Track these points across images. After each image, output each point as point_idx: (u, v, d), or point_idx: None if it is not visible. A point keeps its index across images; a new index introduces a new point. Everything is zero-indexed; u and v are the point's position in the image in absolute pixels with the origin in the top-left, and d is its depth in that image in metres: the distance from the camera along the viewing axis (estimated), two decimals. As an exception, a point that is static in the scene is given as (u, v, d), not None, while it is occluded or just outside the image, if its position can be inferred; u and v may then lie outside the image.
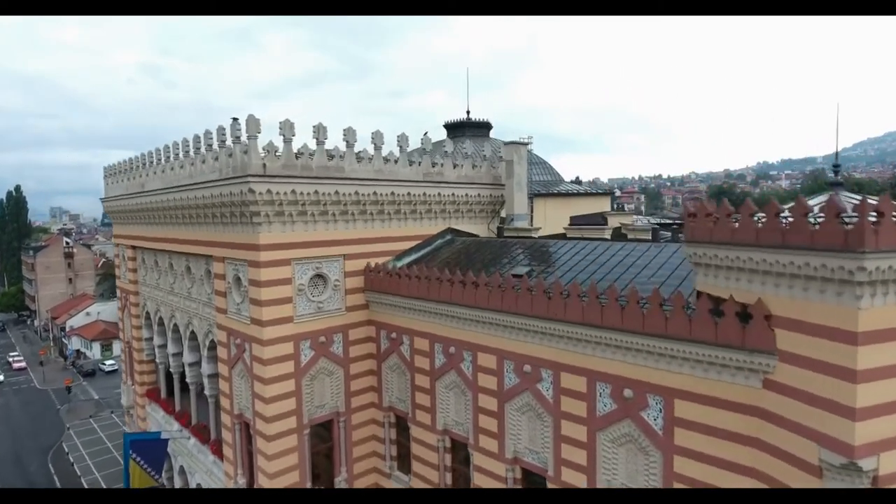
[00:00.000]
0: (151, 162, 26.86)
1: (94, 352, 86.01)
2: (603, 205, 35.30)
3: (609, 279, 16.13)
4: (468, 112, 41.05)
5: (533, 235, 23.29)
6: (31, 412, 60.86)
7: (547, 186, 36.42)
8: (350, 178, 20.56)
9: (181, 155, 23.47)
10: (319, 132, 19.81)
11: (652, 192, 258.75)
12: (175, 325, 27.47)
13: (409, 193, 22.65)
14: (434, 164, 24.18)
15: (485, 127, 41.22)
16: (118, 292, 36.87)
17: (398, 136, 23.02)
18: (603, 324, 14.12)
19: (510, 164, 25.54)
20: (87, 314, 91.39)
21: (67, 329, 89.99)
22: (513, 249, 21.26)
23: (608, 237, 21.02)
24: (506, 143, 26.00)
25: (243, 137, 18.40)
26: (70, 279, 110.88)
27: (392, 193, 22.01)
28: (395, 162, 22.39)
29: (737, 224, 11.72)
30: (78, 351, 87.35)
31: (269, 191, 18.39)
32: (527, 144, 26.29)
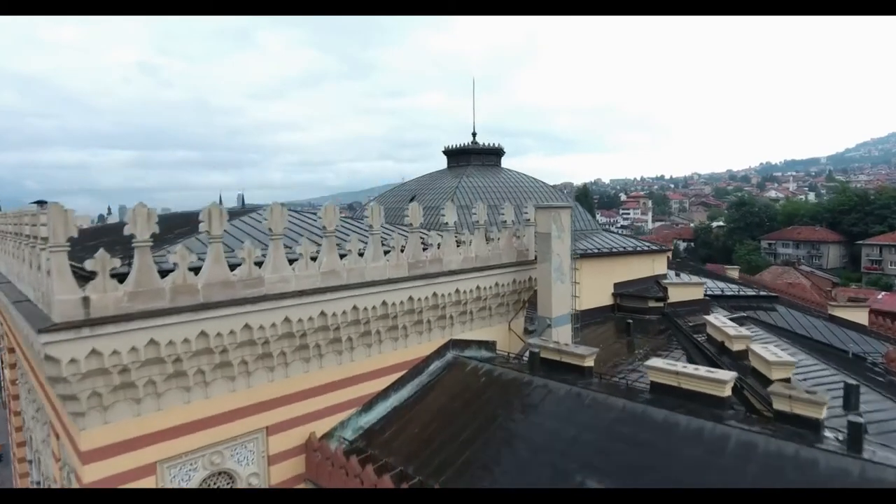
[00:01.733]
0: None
1: (52, 390, 76.69)
2: (657, 265, 26.28)
3: None
4: (474, 134, 32.13)
5: (586, 364, 14.20)
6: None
7: (580, 238, 27.37)
8: (277, 297, 11.50)
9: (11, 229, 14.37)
10: (211, 220, 10.72)
11: (658, 197, 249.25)
12: (41, 469, 18.45)
13: (384, 303, 13.62)
14: (426, 246, 15.15)
15: (495, 154, 32.28)
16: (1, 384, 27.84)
17: (368, 208, 14.03)
18: None
19: (546, 239, 16.40)
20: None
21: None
22: (561, 408, 12.21)
23: (728, 392, 11.92)
24: (539, 208, 16.83)
25: (53, 238, 9.24)
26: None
27: (354, 309, 12.96)
28: (361, 253, 13.33)
29: None
30: (34, 388, 78.06)
31: (94, 351, 9.27)
32: (570, 208, 17.17)
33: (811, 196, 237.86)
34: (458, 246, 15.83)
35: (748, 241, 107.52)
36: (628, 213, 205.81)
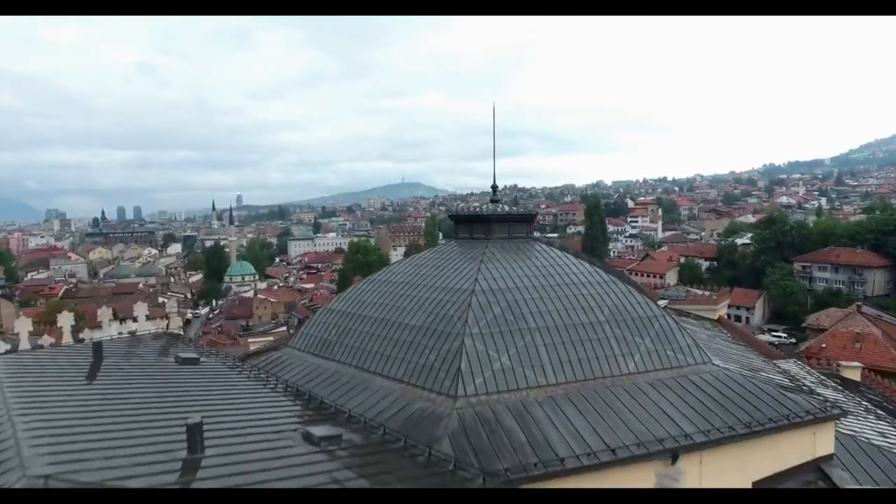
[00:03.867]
0: None
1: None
2: (821, 442, 15.17)
3: None
4: (494, 188, 21.20)
5: None
6: None
7: (668, 367, 16.41)
8: None
9: None
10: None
11: (666, 204, 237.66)
12: None
13: None
14: None
15: (524, 221, 21.15)
16: None
17: None
18: None
19: None
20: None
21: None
22: None
23: None
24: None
25: None
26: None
27: None
28: None
29: None
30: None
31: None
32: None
33: (823, 202, 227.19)
34: None
35: (780, 264, 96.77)
36: (636, 221, 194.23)
